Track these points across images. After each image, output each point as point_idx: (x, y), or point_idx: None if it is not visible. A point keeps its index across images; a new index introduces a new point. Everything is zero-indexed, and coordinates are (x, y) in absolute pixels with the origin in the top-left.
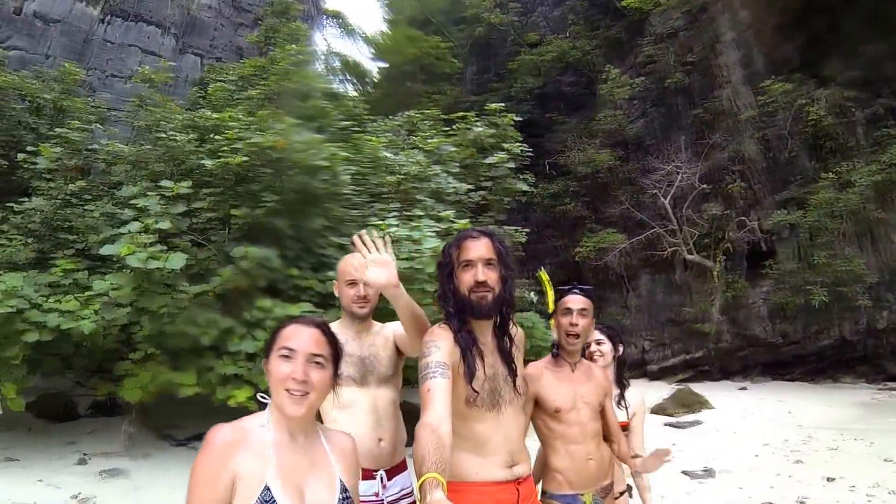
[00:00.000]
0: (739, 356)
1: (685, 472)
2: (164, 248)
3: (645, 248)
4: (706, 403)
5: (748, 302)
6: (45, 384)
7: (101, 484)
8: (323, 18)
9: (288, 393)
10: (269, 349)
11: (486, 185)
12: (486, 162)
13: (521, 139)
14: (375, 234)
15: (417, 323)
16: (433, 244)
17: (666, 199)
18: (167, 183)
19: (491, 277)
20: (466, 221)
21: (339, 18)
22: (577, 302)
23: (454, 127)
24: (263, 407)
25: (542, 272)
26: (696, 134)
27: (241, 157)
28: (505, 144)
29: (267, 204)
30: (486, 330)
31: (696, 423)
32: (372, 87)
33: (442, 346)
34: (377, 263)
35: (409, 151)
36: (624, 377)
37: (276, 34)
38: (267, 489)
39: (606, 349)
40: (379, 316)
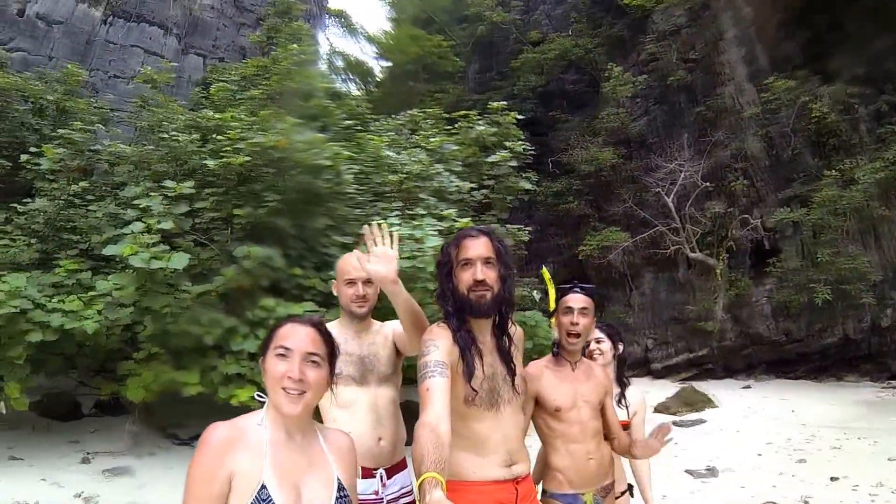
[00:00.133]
0: (743, 354)
1: (688, 470)
2: (167, 248)
3: (648, 246)
4: (710, 402)
5: (752, 300)
6: (49, 384)
7: (104, 483)
8: (326, 18)
9: (284, 392)
10: (265, 348)
11: (488, 183)
12: (488, 160)
13: (523, 137)
14: (387, 228)
15: (416, 321)
16: (435, 243)
17: (669, 197)
18: (170, 183)
19: (490, 276)
20: (468, 220)
21: (342, 18)
22: (578, 301)
23: (456, 126)
24: (263, 406)
25: (543, 270)
26: (698, 131)
27: (243, 157)
28: (507, 143)
29: (269, 203)
30: (485, 329)
31: (699, 421)
32: (375, 86)
33: (441, 345)
34: (380, 256)
35: (411, 150)
36: (624, 376)
37: (277, 34)
38: (263, 487)
39: (606, 347)
40: (381, 315)
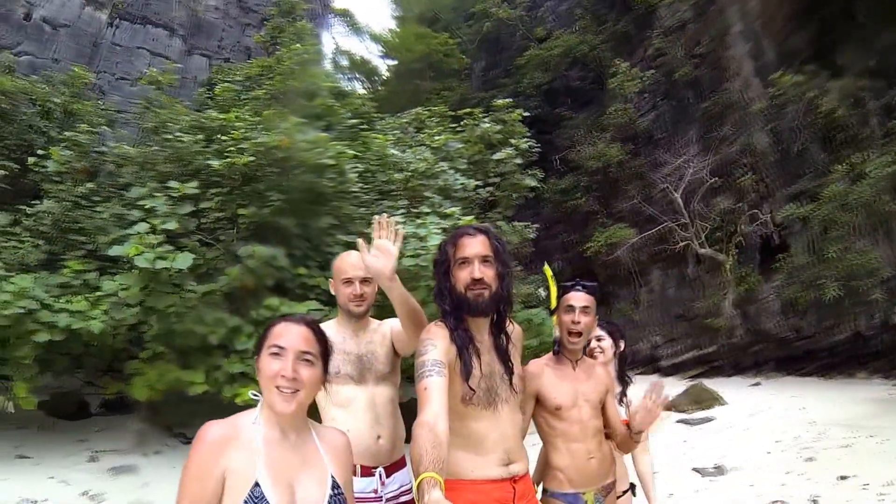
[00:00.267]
0: (752, 351)
1: (696, 469)
2: (172, 248)
3: (656, 242)
4: (719, 399)
5: (760, 297)
6: (55, 383)
7: (110, 481)
8: (330, 17)
9: (278, 390)
10: (259, 347)
11: (494, 181)
12: (493, 158)
13: (529, 135)
14: (394, 223)
15: (413, 317)
16: (439, 241)
17: (677, 192)
18: (174, 184)
19: (488, 274)
20: (472, 218)
21: (346, 17)
22: (580, 299)
23: (462, 123)
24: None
25: (546, 267)
26: (705, 127)
27: (247, 157)
28: (512, 140)
29: (274, 203)
30: (482, 327)
31: (708, 419)
32: (381, 84)
33: (438, 344)
34: (380, 249)
35: (416, 148)
36: (626, 374)
37: (281, 34)
38: (257, 485)
39: (607, 345)
40: (382, 314)
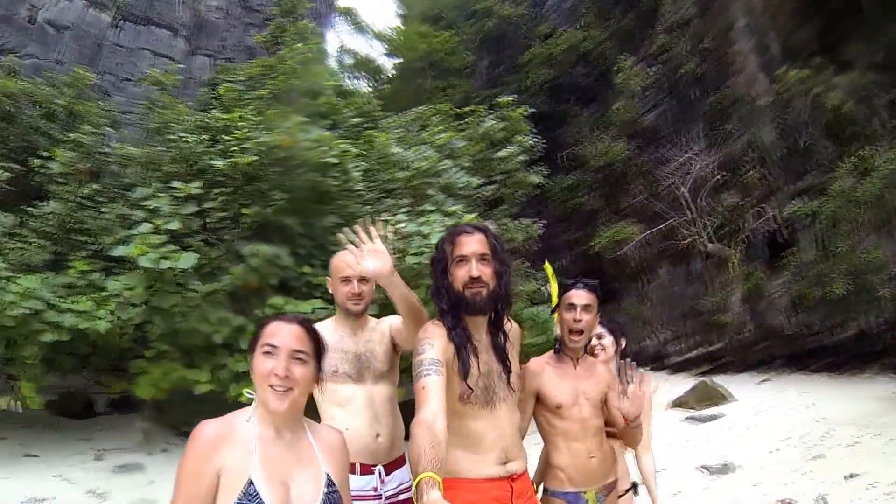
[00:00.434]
0: (759, 348)
1: (702, 466)
2: (175, 247)
3: (662, 239)
4: (727, 396)
5: (768, 293)
6: (62, 383)
7: (116, 479)
8: (334, 16)
9: (271, 389)
10: (252, 346)
11: (498, 178)
12: (497, 156)
13: (534, 132)
14: (370, 225)
15: (414, 312)
16: None
17: (683, 188)
18: (177, 184)
19: (485, 273)
20: (475, 216)
21: (350, 15)
22: (581, 297)
23: (465, 121)
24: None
25: (546, 265)
26: (711, 123)
27: (250, 156)
28: (516, 137)
29: (277, 202)
30: (480, 326)
31: (715, 416)
32: (385, 83)
33: (436, 343)
34: (371, 253)
35: (419, 147)
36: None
37: (284, 33)
38: (251, 483)
39: (608, 343)
40: (384, 313)
